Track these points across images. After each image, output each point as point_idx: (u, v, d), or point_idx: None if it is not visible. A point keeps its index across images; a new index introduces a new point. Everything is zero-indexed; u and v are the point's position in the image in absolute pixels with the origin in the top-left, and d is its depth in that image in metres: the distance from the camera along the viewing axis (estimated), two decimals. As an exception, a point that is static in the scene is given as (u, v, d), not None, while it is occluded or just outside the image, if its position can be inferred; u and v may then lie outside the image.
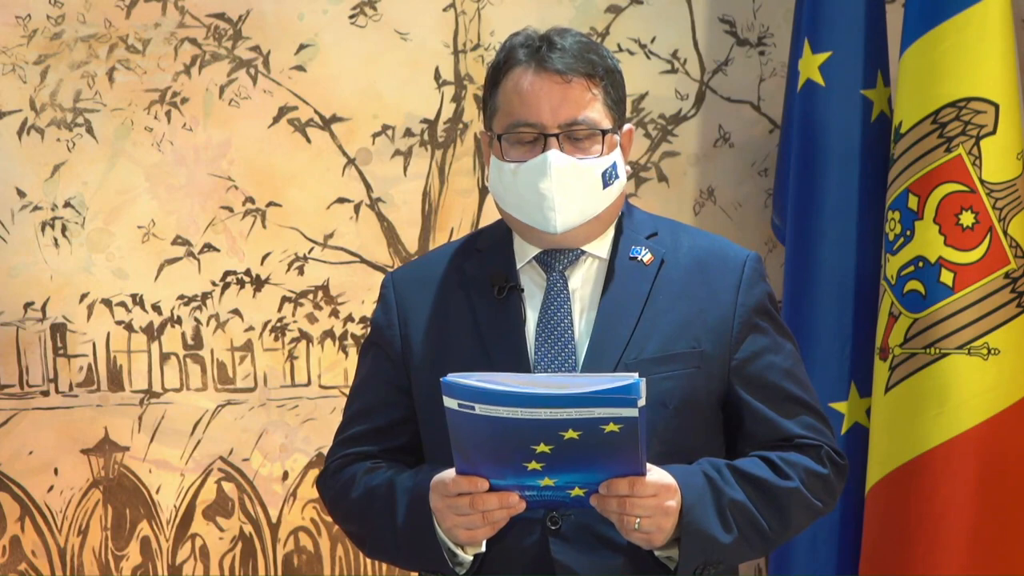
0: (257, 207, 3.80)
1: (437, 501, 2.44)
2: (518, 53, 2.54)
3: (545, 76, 2.51)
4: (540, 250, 2.59)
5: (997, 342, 3.44)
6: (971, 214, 3.45)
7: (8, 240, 3.75)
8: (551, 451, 2.32)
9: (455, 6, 3.82)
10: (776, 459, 2.53)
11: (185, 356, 3.79)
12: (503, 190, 2.56)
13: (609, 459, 2.35)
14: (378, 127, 3.82)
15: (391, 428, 2.63)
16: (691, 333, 2.54)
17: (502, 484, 2.38)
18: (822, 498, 2.56)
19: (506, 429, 2.30)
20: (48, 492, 3.77)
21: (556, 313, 2.56)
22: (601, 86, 2.53)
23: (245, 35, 3.78)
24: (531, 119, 2.51)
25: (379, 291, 2.68)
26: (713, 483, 2.47)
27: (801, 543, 3.61)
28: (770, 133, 3.90)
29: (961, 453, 3.43)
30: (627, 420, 2.29)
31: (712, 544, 2.45)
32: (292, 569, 3.83)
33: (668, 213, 3.80)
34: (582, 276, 2.59)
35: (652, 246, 2.60)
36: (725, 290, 2.57)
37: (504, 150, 2.54)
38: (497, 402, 2.29)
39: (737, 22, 3.90)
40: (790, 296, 3.66)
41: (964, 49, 3.45)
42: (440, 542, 2.47)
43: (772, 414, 2.56)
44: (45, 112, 3.74)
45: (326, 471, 2.67)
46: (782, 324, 2.63)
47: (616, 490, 2.37)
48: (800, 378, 2.60)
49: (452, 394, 2.31)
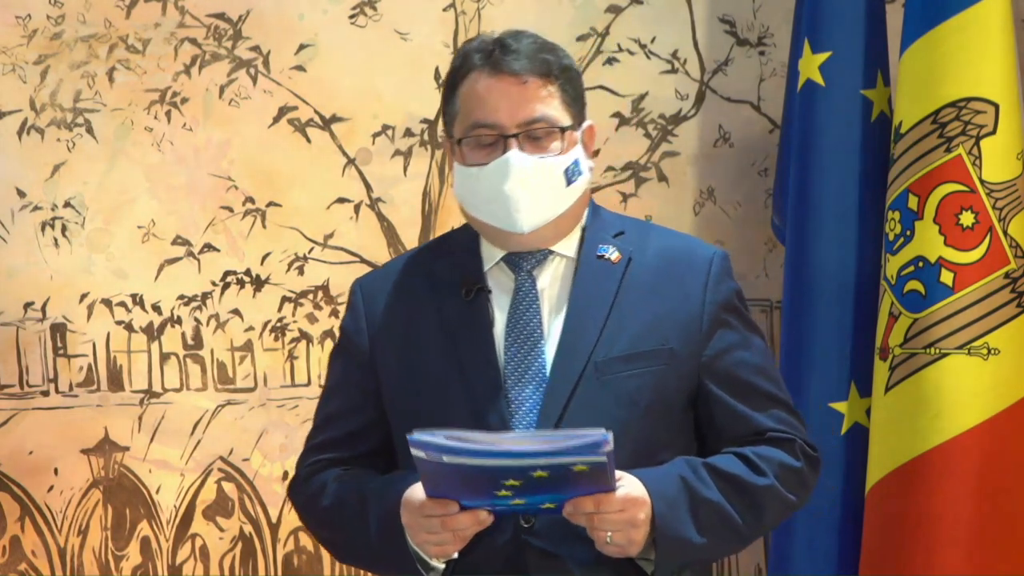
0: (257, 207, 3.80)
1: (407, 517, 2.45)
2: (473, 58, 2.56)
3: (501, 78, 2.53)
4: (507, 252, 2.59)
5: (997, 342, 3.43)
6: (971, 214, 3.45)
7: (8, 240, 3.75)
8: (521, 484, 2.33)
9: (455, 6, 3.82)
10: (751, 455, 2.54)
11: (185, 356, 3.79)
12: (467, 194, 2.57)
13: (578, 487, 2.36)
14: (378, 127, 3.82)
15: (362, 433, 2.64)
16: (660, 331, 2.55)
17: (472, 505, 2.40)
18: (796, 492, 2.58)
19: (475, 473, 2.32)
20: (48, 492, 3.77)
21: (525, 313, 2.57)
22: (557, 84, 2.55)
23: (245, 35, 3.78)
24: (489, 120, 2.53)
25: (348, 297, 2.68)
26: (688, 484, 2.48)
27: (801, 543, 3.61)
28: (770, 133, 3.89)
29: (961, 453, 3.42)
30: (595, 464, 2.31)
31: (687, 547, 2.46)
32: (292, 569, 3.83)
33: (668, 213, 3.83)
34: (550, 275, 2.59)
35: (619, 244, 2.61)
36: (693, 287, 2.58)
37: (465, 154, 2.55)
38: (465, 455, 2.30)
39: (737, 22, 3.90)
40: (790, 296, 3.66)
41: (964, 49, 3.45)
42: (412, 553, 2.48)
43: (744, 409, 2.57)
44: (45, 112, 3.74)
45: (297, 478, 2.67)
46: (750, 320, 2.64)
47: (582, 508, 2.39)
48: (770, 373, 2.62)
49: (419, 448, 2.32)
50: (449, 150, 2.61)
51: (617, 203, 3.83)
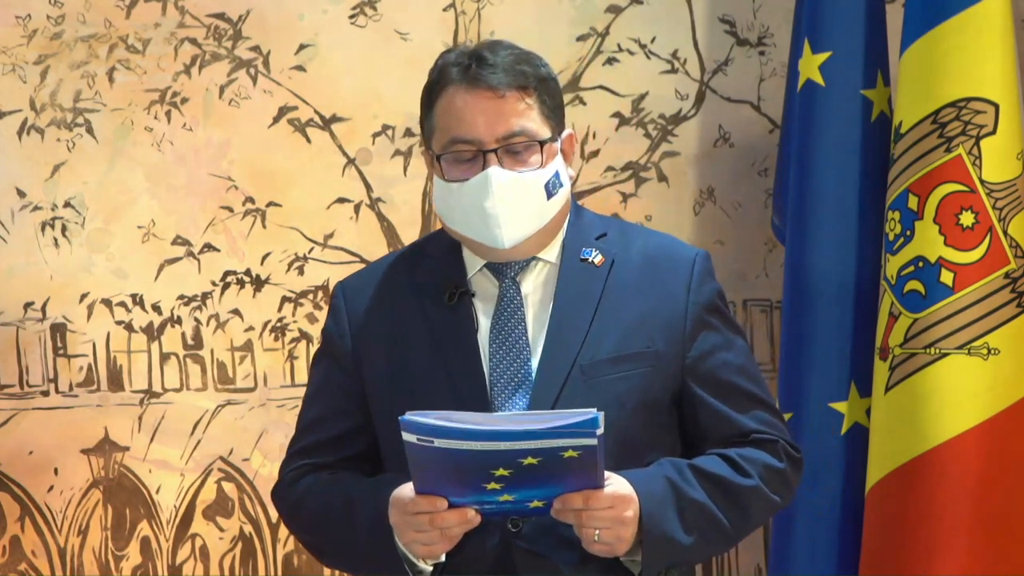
0: (257, 207, 3.80)
1: (396, 517, 2.45)
2: (450, 72, 2.54)
3: (478, 92, 2.52)
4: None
5: (997, 342, 3.43)
6: (971, 214, 3.45)
7: (8, 240, 3.75)
8: (510, 475, 2.33)
9: (455, 6, 3.82)
10: (736, 456, 2.55)
11: (185, 356, 3.79)
12: (448, 209, 2.56)
13: (567, 479, 2.36)
14: (378, 127, 3.82)
15: (346, 437, 2.63)
16: (645, 332, 2.56)
17: (461, 502, 2.39)
18: (780, 492, 2.59)
19: (465, 459, 2.32)
20: (48, 492, 3.77)
21: (510, 319, 2.57)
22: (535, 96, 2.54)
23: (245, 35, 3.78)
24: (468, 136, 2.52)
25: (330, 300, 2.68)
26: (674, 485, 2.49)
27: (801, 543, 3.61)
28: (770, 133, 3.89)
29: (961, 453, 3.42)
30: (586, 447, 2.31)
31: (674, 547, 2.47)
32: (292, 569, 3.82)
33: (668, 213, 3.83)
34: (533, 281, 2.60)
35: (602, 247, 2.61)
36: (676, 288, 2.59)
37: (445, 169, 2.55)
38: (456, 437, 2.30)
39: (737, 22, 3.90)
40: (790, 296, 3.66)
41: (964, 49, 3.45)
42: (400, 555, 2.47)
43: (727, 410, 2.58)
44: (45, 112, 3.74)
45: (281, 483, 2.67)
46: (733, 320, 2.65)
47: (571, 504, 2.39)
48: (753, 374, 2.63)
49: (411, 430, 2.32)
50: (429, 163, 2.60)
51: (617, 203, 3.83)
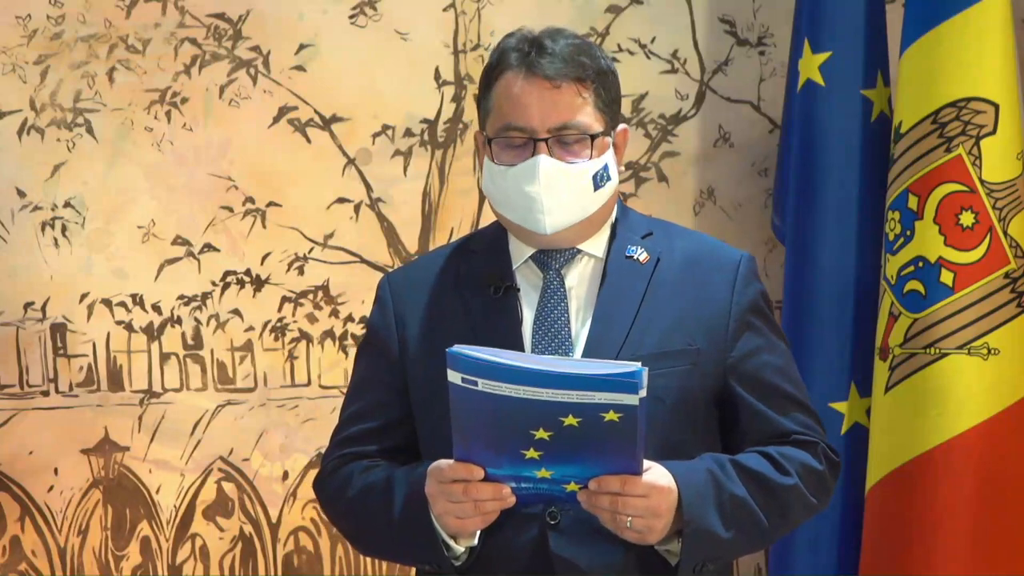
0: (257, 207, 3.80)
1: (432, 486, 2.44)
2: (510, 57, 2.55)
3: (535, 81, 2.52)
4: (535, 250, 2.60)
5: (997, 342, 3.44)
6: (971, 214, 3.45)
7: (8, 240, 3.75)
8: (549, 438, 2.32)
9: (455, 6, 3.82)
10: (775, 454, 2.55)
11: (185, 356, 3.79)
12: (495, 191, 2.58)
13: (606, 453, 2.35)
14: (378, 127, 3.82)
15: (388, 428, 2.64)
16: (687, 331, 2.56)
17: (498, 474, 2.39)
18: (818, 495, 2.58)
19: (507, 408, 2.31)
20: (48, 492, 3.77)
21: (553, 311, 2.57)
22: (592, 89, 2.54)
23: (245, 35, 3.78)
24: (520, 123, 2.53)
25: (375, 293, 2.68)
26: (716, 478, 2.48)
27: (801, 543, 3.61)
28: (770, 133, 3.90)
29: (961, 453, 3.43)
30: (627, 409, 2.30)
31: (713, 540, 2.46)
32: (292, 569, 3.83)
33: (668, 213, 3.83)
34: (578, 274, 2.60)
35: (648, 245, 2.61)
36: (720, 289, 2.59)
37: (495, 153, 2.56)
38: (501, 377, 2.30)
39: (737, 22, 3.90)
40: (790, 296, 3.66)
41: (964, 49, 3.45)
42: (435, 533, 2.47)
43: (769, 411, 2.58)
44: (45, 112, 3.74)
45: (323, 471, 2.67)
46: (775, 323, 2.65)
47: (607, 487, 2.38)
48: (794, 377, 2.63)
49: (457, 366, 2.32)
50: (481, 145, 2.61)
51: (617, 203, 3.84)
